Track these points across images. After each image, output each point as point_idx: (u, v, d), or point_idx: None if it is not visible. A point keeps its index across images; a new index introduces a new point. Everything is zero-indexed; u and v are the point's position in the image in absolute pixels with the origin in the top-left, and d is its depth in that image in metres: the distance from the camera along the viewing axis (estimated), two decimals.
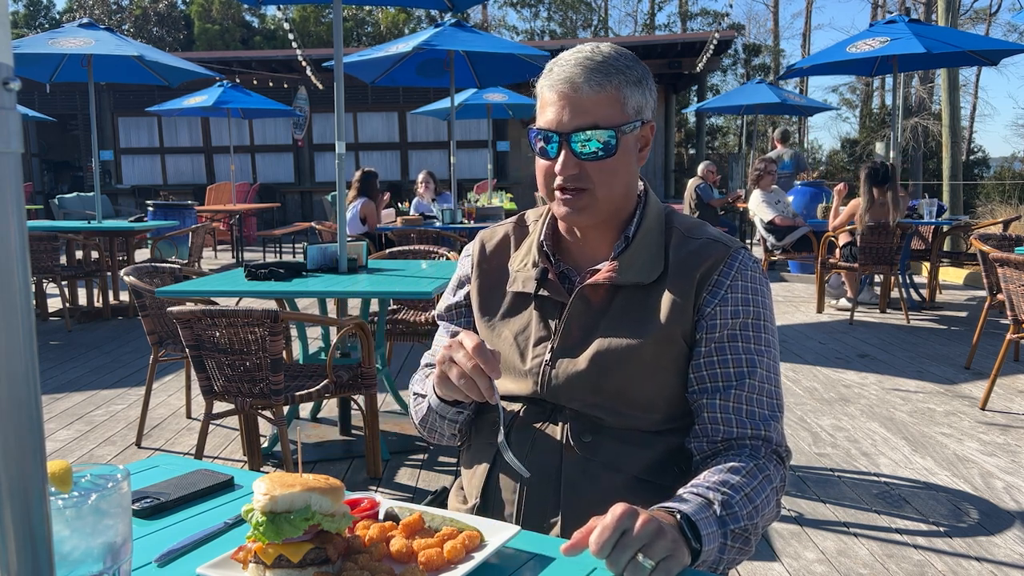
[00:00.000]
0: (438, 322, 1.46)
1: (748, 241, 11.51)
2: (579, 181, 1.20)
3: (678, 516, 0.99)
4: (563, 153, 1.19)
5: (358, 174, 7.18)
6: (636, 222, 1.28)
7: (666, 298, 1.22)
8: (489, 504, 1.27)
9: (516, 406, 1.29)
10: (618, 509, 0.90)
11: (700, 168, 9.91)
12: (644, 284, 1.24)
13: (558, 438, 1.24)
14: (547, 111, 1.21)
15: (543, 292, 1.29)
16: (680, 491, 1.09)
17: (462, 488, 1.36)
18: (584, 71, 1.18)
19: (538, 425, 1.26)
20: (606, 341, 1.23)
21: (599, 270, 1.27)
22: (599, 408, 1.23)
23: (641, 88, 1.22)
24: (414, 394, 1.41)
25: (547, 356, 1.26)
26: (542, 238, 1.33)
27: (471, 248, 1.42)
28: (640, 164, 1.27)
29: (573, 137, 1.18)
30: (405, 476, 3.41)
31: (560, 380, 1.24)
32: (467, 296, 1.40)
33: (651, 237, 1.26)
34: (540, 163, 1.24)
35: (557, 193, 1.23)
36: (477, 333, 1.37)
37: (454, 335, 1.40)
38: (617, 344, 1.22)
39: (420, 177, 8.77)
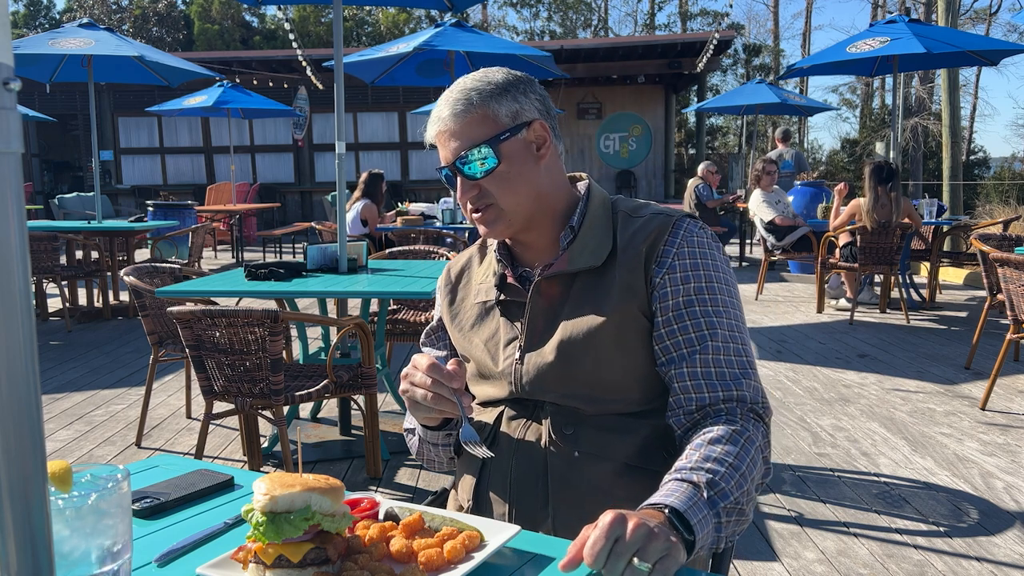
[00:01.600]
0: (421, 348, 1.51)
1: (748, 241, 11.51)
2: (482, 199, 1.27)
3: (666, 512, 0.99)
4: (459, 180, 1.28)
5: (365, 175, 7.17)
6: (580, 213, 1.31)
7: (618, 276, 1.25)
8: (481, 506, 1.29)
9: (498, 410, 1.32)
10: (607, 517, 0.90)
11: (700, 168, 9.91)
12: (596, 267, 1.27)
13: (542, 434, 1.26)
14: (439, 152, 1.30)
15: (504, 296, 1.34)
16: (665, 478, 1.09)
17: (457, 496, 1.38)
18: (448, 105, 1.27)
19: (521, 424, 1.28)
20: (568, 328, 1.26)
21: (552, 264, 1.30)
22: (575, 397, 1.25)
23: (510, 95, 1.27)
24: (405, 430, 1.47)
25: (516, 355, 1.29)
26: (495, 248, 1.38)
27: (440, 279, 1.49)
28: (543, 162, 1.29)
29: (458, 163, 1.26)
30: (405, 476, 3.41)
31: (531, 375, 1.27)
32: (440, 320, 1.47)
33: (597, 223, 1.30)
34: (457, 195, 1.32)
35: (472, 215, 1.30)
36: (455, 350, 1.43)
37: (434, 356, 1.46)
38: (579, 329, 1.25)
39: None
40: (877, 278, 7.42)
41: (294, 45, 12.82)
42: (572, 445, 1.24)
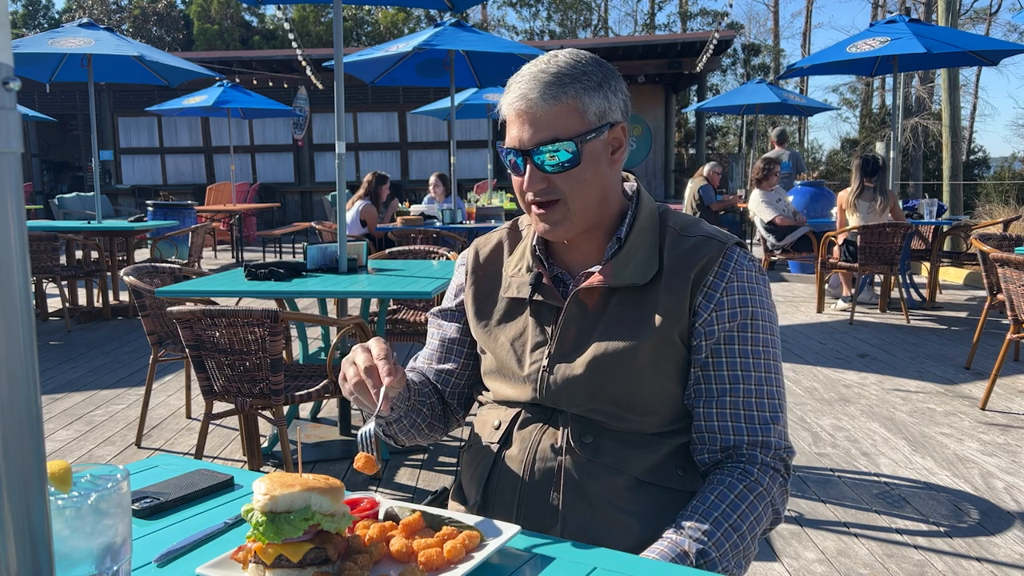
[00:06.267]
0: (429, 318, 1.47)
1: (748, 241, 11.51)
2: (549, 194, 1.21)
3: None
4: (528, 168, 1.20)
5: (370, 176, 7.20)
6: (628, 223, 1.27)
7: (662, 299, 1.22)
8: (489, 504, 1.28)
9: (514, 411, 1.30)
10: None
11: (705, 170, 9.80)
12: (639, 285, 1.23)
13: (559, 440, 1.24)
14: (511, 129, 1.22)
15: (538, 297, 1.29)
16: (663, 537, 1.11)
17: (462, 488, 1.36)
18: (538, 85, 1.18)
19: (537, 428, 1.27)
20: (603, 345, 1.22)
21: (593, 273, 1.26)
22: (599, 412, 1.23)
23: (602, 92, 1.20)
24: None
25: (544, 362, 1.26)
26: (535, 242, 1.33)
27: (466, 256, 1.43)
28: (615, 166, 1.25)
29: (534, 152, 1.19)
30: (405, 476, 3.41)
31: (559, 385, 1.24)
32: (461, 304, 1.41)
33: (645, 237, 1.26)
34: (515, 179, 1.25)
35: (532, 208, 1.24)
36: (467, 331, 1.40)
37: (442, 336, 1.43)
38: (614, 348, 1.22)
39: (432, 179, 8.92)
40: (877, 278, 7.42)
41: (294, 45, 12.81)
42: (590, 455, 1.22)
